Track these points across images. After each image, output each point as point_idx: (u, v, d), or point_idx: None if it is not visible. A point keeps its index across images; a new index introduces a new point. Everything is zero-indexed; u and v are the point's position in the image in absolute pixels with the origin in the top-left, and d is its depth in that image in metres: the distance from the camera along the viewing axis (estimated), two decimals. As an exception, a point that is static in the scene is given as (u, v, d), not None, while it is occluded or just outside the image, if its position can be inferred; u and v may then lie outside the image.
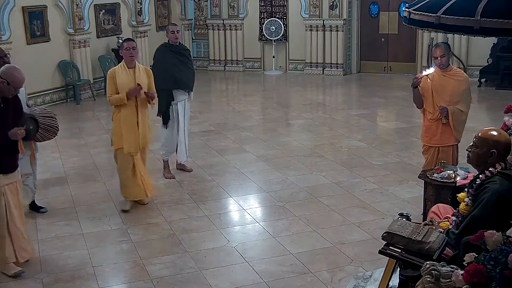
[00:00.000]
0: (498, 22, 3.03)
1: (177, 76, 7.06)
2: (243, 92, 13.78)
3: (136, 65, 6.20)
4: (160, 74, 6.93)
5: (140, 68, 6.24)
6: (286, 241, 5.51)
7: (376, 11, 14.46)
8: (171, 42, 7.16)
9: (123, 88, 6.07)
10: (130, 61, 6.16)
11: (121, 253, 5.39)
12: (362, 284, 4.61)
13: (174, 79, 7.05)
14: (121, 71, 6.14)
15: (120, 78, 6.09)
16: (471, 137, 3.83)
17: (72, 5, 12.06)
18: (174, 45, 7.16)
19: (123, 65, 6.19)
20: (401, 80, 13.73)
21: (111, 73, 6.15)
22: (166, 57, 7.09)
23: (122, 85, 6.08)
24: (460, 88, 5.84)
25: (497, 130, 3.77)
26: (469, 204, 3.70)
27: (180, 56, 7.16)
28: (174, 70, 7.04)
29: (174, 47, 7.16)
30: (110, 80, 6.12)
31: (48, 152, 8.31)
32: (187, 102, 7.30)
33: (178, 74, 7.06)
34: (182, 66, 7.13)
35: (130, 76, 6.13)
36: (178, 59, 7.11)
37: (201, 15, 15.90)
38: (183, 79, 7.13)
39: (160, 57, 7.19)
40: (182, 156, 7.38)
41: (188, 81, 7.21)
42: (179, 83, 7.11)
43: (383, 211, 6.14)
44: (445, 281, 3.02)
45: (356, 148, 8.45)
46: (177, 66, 7.07)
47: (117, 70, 6.17)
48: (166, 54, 7.11)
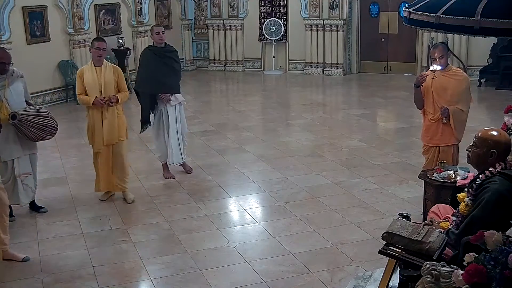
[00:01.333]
0: (498, 22, 3.03)
1: (160, 80, 6.95)
2: (243, 92, 13.79)
3: (104, 64, 6.35)
4: (143, 78, 7.02)
5: (107, 66, 6.38)
6: (286, 241, 5.50)
7: (376, 11, 14.46)
8: (156, 44, 7.06)
9: (89, 86, 6.29)
10: (97, 61, 6.34)
11: (121, 253, 5.39)
12: (362, 284, 4.61)
13: (157, 83, 6.95)
14: (88, 70, 6.33)
15: (86, 77, 6.29)
16: (471, 137, 3.83)
17: (72, 5, 12.06)
18: (158, 47, 7.06)
19: (91, 64, 6.37)
20: (401, 80, 13.74)
21: (79, 72, 6.39)
22: (150, 61, 7.02)
23: (88, 84, 6.29)
24: (460, 87, 5.84)
25: (497, 130, 3.77)
26: (469, 204, 3.70)
27: (164, 58, 7.04)
28: (157, 74, 6.95)
29: (159, 50, 7.05)
30: (78, 79, 6.37)
31: (48, 152, 8.31)
32: (179, 106, 7.19)
33: (161, 78, 6.95)
34: (165, 69, 7.01)
35: (95, 75, 6.30)
36: (162, 62, 7.00)
37: (201, 15, 15.90)
38: (166, 83, 7.01)
39: (143, 61, 7.14)
40: (174, 158, 7.26)
41: (172, 84, 7.08)
42: (162, 87, 7.00)
43: (383, 211, 6.14)
44: (445, 281, 3.02)
45: (356, 148, 8.45)
46: (160, 69, 6.97)
47: (85, 69, 6.38)
48: (149, 58, 7.05)
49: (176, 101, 7.15)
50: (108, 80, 6.32)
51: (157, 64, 6.99)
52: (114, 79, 6.37)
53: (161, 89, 7.01)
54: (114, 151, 6.50)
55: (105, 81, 6.30)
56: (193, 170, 7.52)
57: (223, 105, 12.40)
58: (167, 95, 7.02)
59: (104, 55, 6.37)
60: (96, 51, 6.28)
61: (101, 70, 6.32)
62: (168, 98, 7.03)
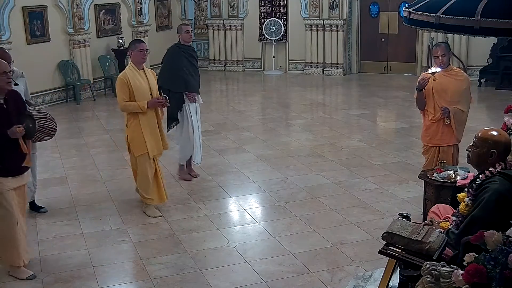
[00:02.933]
0: (498, 22, 3.03)
1: (188, 79, 6.93)
2: (243, 92, 13.79)
3: (143, 67, 6.04)
4: (171, 76, 6.86)
5: (147, 70, 6.10)
6: (286, 241, 5.51)
7: (376, 11, 14.46)
8: (184, 42, 6.99)
9: (138, 91, 5.82)
10: (141, 63, 5.95)
11: (121, 253, 5.39)
12: (362, 284, 4.61)
13: (185, 82, 6.92)
14: (133, 75, 5.87)
15: (134, 82, 5.82)
16: (471, 137, 3.83)
17: (72, 5, 12.06)
18: (187, 46, 7.03)
19: (132, 67, 5.91)
20: (401, 80, 13.75)
21: (124, 78, 5.81)
22: (178, 59, 6.92)
23: (137, 89, 5.82)
24: (460, 87, 5.84)
25: (497, 130, 3.77)
26: (469, 204, 3.70)
27: (191, 58, 7.03)
28: (185, 73, 6.91)
29: (186, 49, 7.02)
30: (123, 85, 5.80)
31: (48, 152, 8.31)
32: (198, 104, 7.20)
33: (188, 77, 6.94)
34: (192, 69, 7.01)
35: (143, 79, 5.92)
36: (189, 62, 6.99)
37: (201, 15, 15.90)
38: (192, 82, 7.01)
39: (171, 59, 6.97)
40: (198, 157, 7.27)
41: (197, 84, 7.11)
42: (190, 86, 6.98)
43: (383, 211, 6.14)
44: (445, 281, 3.02)
45: (356, 148, 8.45)
46: (188, 69, 6.95)
47: (128, 73, 5.85)
48: (178, 56, 6.93)
49: (199, 100, 7.20)
50: (154, 83, 6.05)
51: (186, 63, 6.95)
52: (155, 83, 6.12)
53: (190, 88, 6.98)
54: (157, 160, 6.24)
55: (153, 83, 6.02)
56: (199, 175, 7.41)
57: (223, 105, 12.41)
58: (195, 94, 7.03)
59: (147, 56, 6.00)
60: (140, 53, 5.87)
61: (144, 73, 5.97)
62: (194, 98, 7.03)
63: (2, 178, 4.70)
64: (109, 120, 10.64)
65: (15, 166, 4.78)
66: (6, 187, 4.72)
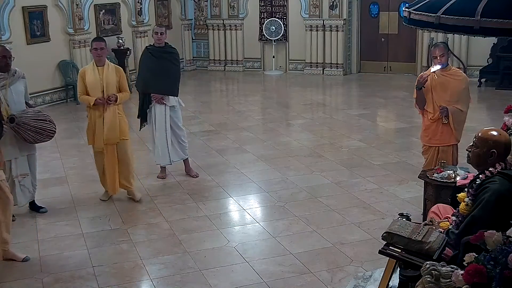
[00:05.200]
0: (498, 22, 3.03)
1: (151, 80, 6.94)
2: (243, 92, 13.79)
3: (106, 64, 6.37)
4: (139, 77, 7.19)
5: (110, 66, 6.40)
6: (286, 241, 5.50)
7: (376, 11, 14.46)
8: (155, 44, 7.08)
9: (90, 86, 6.29)
10: (98, 61, 6.34)
11: (121, 253, 5.39)
12: (362, 284, 4.61)
13: (149, 83, 6.96)
14: (90, 70, 6.34)
15: (88, 77, 6.29)
16: (471, 137, 3.83)
17: (72, 5, 12.06)
18: (156, 47, 7.05)
19: (93, 64, 6.38)
20: (401, 80, 13.74)
21: (81, 72, 6.40)
22: (146, 60, 7.09)
23: (90, 84, 6.29)
24: (459, 87, 5.85)
25: (497, 130, 3.77)
26: (469, 204, 3.70)
27: (160, 59, 6.99)
28: (150, 73, 6.96)
29: (156, 50, 7.04)
30: (80, 79, 6.36)
31: (48, 152, 8.30)
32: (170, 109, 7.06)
33: (153, 78, 6.93)
34: (159, 70, 6.95)
35: (97, 75, 6.30)
36: (157, 62, 6.97)
37: (201, 15, 15.90)
38: (157, 84, 6.94)
39: (140, 60, 7.30)
40: (161, 159, 7.19)
41: (163, 86, 6.99)
42: (150, 87, 6.97)
43: (383, 211, 6.14)
44: (445, 281, 3.02)
45: (356, 148, 8.45)
46: (153, 69, 6.94)
47: (87, 69, 6.39)
48: (146, 57, 7.12)
49: (169, 103, 7.05)
50: (110, 80, 6.32)
51: (152, 64, 6.99)
52: (116, 79, 6.38)
53: (152, 89, 6.99)
54: (119, 150, 6.49)
55: (107, 81, 6.30)
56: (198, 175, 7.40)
57: (223, 105, 12.40)
58: (158, 95, 6.99)
59: (103, 54, 6.34)
60: (94, 51, 6.31)
61: (103, 70, 6.33)
62: (161, 100, 7.00)
63: None
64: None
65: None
66: None
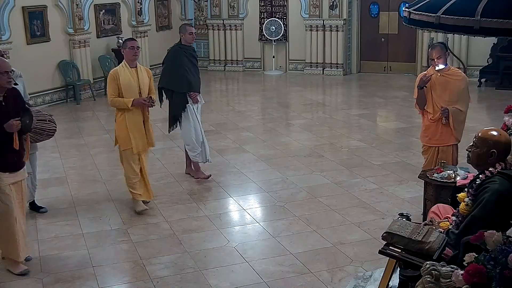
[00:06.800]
0: (498, 22, 3.03)
1: (190, 79, 6.93)
2: (243, 92, 13.79)
3: (137, 65, 6.12)
4: (174, 77, 6.89)
5: (141, 68, 6.17)
6: (286, 241, 5.51)
7: (376, 11, 14.46)
8: (186, 43, 6.99)
9: (127, 88, 5.96)
10: (133, 61, 6.04)
11: (121, 253, 5.39)
12: (362, 284, 4.61)
13: (188, 82, 6.91)
14: (123, 71, 6.00)
15: (123, 79, 5.96)
16: (471, 137, 3.83)
17: (72, 5, 12.06)
18: (188, 46, 7.03)
19: (125, 65, 6.04)
20: (401, 80, 13.75)
21: (114, 74, 5.98)
22: (181, 60, 6.93)
23: (126, 86, 5.96)
24: (459, 87, 5.86)
25: (497, 130, 3.77)
26: (469, 204, 3.70)
27: (192, 58, 7.04)
28: (187, 73, 6.92)
29: (189, 49, 7.03)
30: (112, 81, 5.97)
31: (48, 152, 8.31)
32: (200, 104, 7.21)
33: (190, 77, 6.94)
34: (193, 69, 7.03)
35: (133, 76, 6.02)
36: (191, 62, 7.00)
37: (201, 15, 15.90)
38: (195, 82, 7.02)
39: (173, 59, 6.99)
40: (202, 157, 7.24)
41: (198, 84, 7.12)
42: (192, 86, 6.98)
43: (383, 211, 6.14)
44: (445, 281, 3.02)
45: (356, 148, 8.45)
46: (189, 69, 6.95)
47: (119, 70, 6.01)
48: (180, 56, 6.95)
49: (201, 100, 7.22)
50: (145, 82, 6.09)
51: (188, 63, 6.96)
52: (148, 81, 6.16)
53: (193, 88, 6.99)
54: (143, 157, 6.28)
55: (143, 82, 6.07)
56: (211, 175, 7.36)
57: (223, 105, 12.40)
58: (197, 94, 7.03)
59: (138, 54, 6.07)
60: (131, 51, 5.97)
61: (136, 71, 6.06)
62: (196, 98, 7.04)
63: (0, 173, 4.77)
64: (109, 120, 10.61)
65: (12, 162, 4.84)
66: (5, 182, 4.79)
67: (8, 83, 4.74)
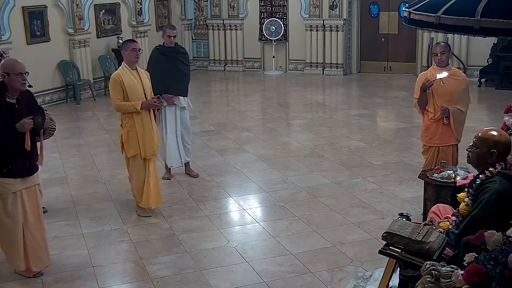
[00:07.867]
0: (498, 22, 3.03)
1: (165, 80, 6.80)
2: (243, 92, 13.79)
3: (137, 67, 6.03)
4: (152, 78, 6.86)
5: (141, 70, 6.09)
6: (286, 241, 5.50)
7: (376, 11, 14.46)
8: (167, 45, 6.98)
9: (132, 91, 5.82)
10: (134, 63, 5.92)
11: (121, 253, 5.39)
12: (362, 284, 4.61)
13: (162, 84, 6.73)
14: (126, 74, 5.86)
15: (127, 82, 5.82)
16: (471, 137, 3.83)
17: (72, 5, 12.06)
18: (167, 47, 6.97)
19: (126, 67, 5.90)
20: (401, 80, 13.75)
21: (116, 78, 5.81)
22: (156, 61, 6.94)
23: (130, 88, 5.81)
24: (459, 87, 5.86)
25: (497, 130, 3.77)
26: (469, 204, 3.70)
27: (171, 59, 6.93)
28: (162, 74, 6.81)
29: (166, 50, 6.97)
30: (116, 84, 5.80)
31: (48, 152, 8.28)
32: (181, 110, 7.07)
33: (166, 78, 6.82)
34: (171, 70, 6.90)
35: (136, 79, 5.90)
36: (169, 63, 6.91)
37: (201, 15, 15.91)
38: (171, 84, 6.88)
39: (150, 61, 7.08)
40: (173, 161, 7.19)
41: (176, 86, 6.96)
42: (167, 88, 6.84)
43: (383, 211, 6.14)
44: (445, 281, 3.02)
45: (356, 148, 8.45)
46: (165, 70, 6.86)
47: (121, 73, 5.85)
48: (156, 58, 6.97)
49: (179, 103, 7.05)
50: (147, 83, 5.98)
51: (163, 64, 6.90)
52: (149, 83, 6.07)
53: (165, 90, 6.83)
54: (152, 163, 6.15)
55: (146, 83, 5.97)
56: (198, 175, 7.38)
57: (223, 105, 12.40)
58: (170, 96, 6.94)
59: (140, 56, 5.93)
60: (133, 52, 5.83)
61: (138, 73, 5.94)
62: (172, 100, 6.97)
63: (10, 180, 4.64)
64: (109, 120, 10.63)
65: (24, 167, 4.70)
66: (14, 188, 4.66)
67: (22, 85, 4.60)
